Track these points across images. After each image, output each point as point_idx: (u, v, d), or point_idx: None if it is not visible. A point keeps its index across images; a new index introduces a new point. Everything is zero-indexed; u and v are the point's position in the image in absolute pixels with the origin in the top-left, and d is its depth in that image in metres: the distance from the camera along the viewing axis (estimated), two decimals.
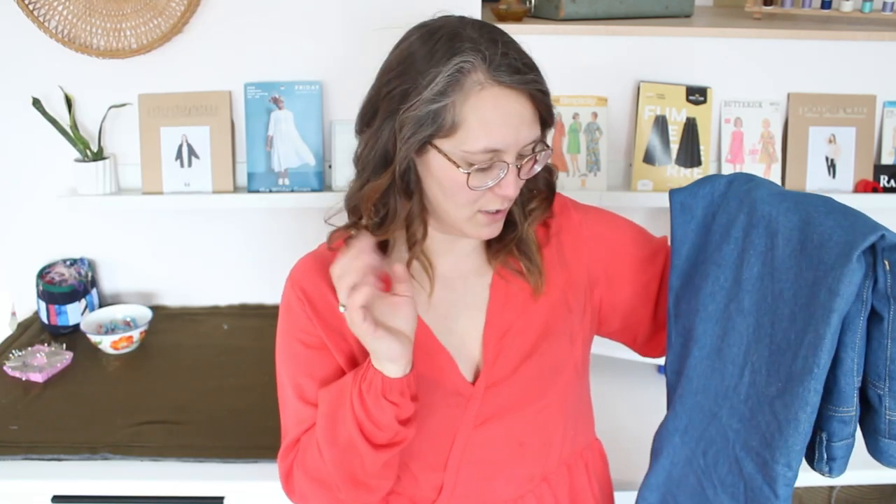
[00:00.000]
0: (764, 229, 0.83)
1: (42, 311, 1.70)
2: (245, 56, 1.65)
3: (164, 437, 1.32)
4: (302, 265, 1.03)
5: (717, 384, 0.89)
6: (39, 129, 1.62)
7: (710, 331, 0.89)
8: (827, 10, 1.77)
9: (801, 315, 0.77)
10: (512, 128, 0.85)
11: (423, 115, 0.85)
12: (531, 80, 0.86)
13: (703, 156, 1.70)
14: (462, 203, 0.89)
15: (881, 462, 0.78)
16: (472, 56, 0.84)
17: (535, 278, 0.99)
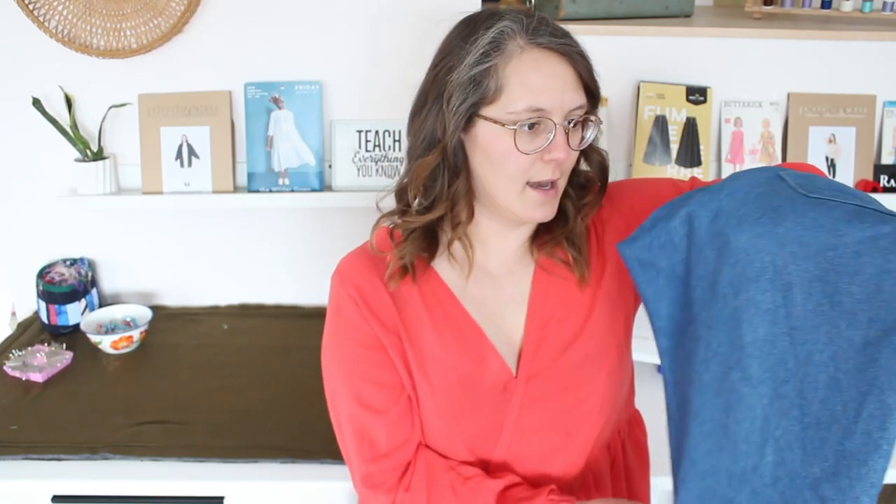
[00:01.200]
0: (768, 283, 0.69)
1: (42, 311, 1.70)
2: (245, 56, 1.65)
3: (164, 437, 1.32)
4: (350, 261, 1.00)
5: (730, 465, 0.73)
6: (39, 129, 1.62)
7: (708, 403, 0.74)
8: (827, 10, 1.77)
9: (851, 382, 0.65)
10: (555, 88, 0.87)
11: (466, 80, 0.88)
12: (570, 43, 0.88)
13: (704, 156, 1.70)
14: (512, 173, 0.89)
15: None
16: (511, 23, 0.88)
17: (580, 269, 0.98)
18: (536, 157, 0.88)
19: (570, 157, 0.90)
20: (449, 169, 0.92)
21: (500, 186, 0.90)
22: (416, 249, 0.96)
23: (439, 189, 0.93)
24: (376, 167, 1.69)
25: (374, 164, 1.69)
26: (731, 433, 0.72)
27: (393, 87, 1.67)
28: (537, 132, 0.88)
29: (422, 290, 0.97)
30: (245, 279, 1.82)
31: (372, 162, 1.69)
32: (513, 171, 0.89)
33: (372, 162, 1.69)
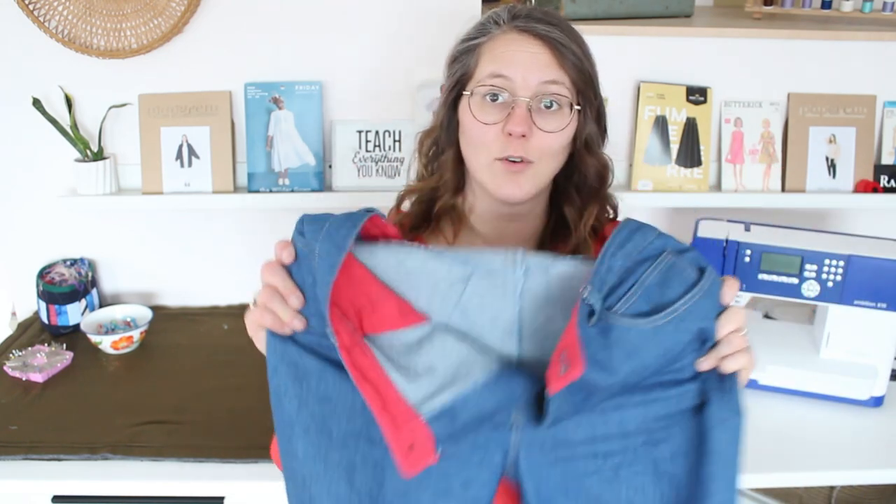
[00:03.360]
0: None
1: (42, 311, 1.70)
2: (245, 56, 1.65)
3: (164, 437, 1.32)
4: None
5: None
6: (39, 129, 1.62)
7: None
8: (827, 10, 1.77)
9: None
10: (522, 62, 0.89)
11: (453, 57, 0.95)
12: (552, 32, 0.90)
13: (704, 156, 1.70)
14: (478, 146, 0.92)
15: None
16: (502, 11, 0.93)
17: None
18: (500, 131, 0.90)
19: (538, 138, 0.90)
20: (442, 141, 0.99)
21: (474, 160, 0.95)
22: (422, 212, 1.02)
23: (438, 161, 1.00)
24: (376, 167, 1.69)
25: (375, 165, 1.69)
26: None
27: (393, 87, 1.67)
28: (500, 106, 0.90)
29: None
30: (245, 279, 1.80)
31: (372, 162, 1.69)
32: (478, 142, 0.92)
33: (372, 162, 1.69)
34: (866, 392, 1.43)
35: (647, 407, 0.75)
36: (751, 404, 1.52)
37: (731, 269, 1.47)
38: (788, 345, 1.54)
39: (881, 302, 1.40)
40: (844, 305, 1.42)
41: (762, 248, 1.44)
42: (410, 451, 0.71)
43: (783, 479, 1.31)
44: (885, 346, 1.43)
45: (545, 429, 0.73)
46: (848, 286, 1.41)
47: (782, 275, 1.44)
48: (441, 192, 1.00)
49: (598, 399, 0.74)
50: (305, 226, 0.77)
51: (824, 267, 1.41)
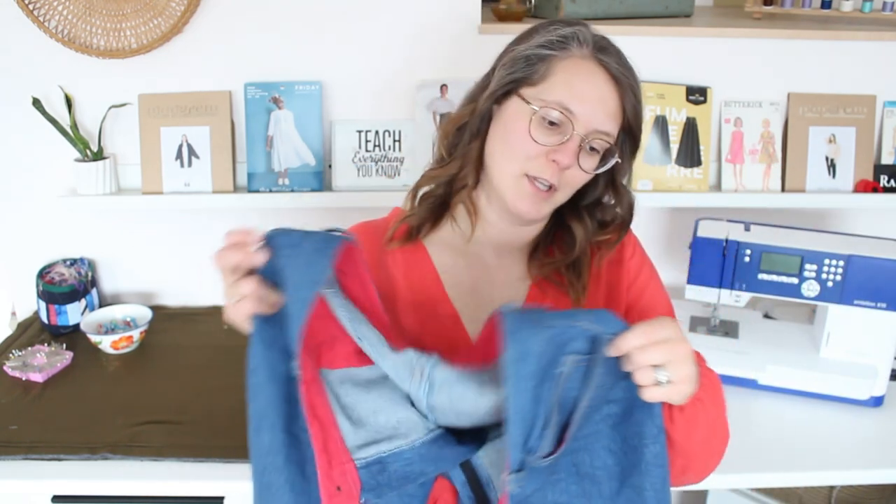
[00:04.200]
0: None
1: (42, 311, 1.70)
2: (245, 56, 1.65)
3: (164, 437, 1.32)
4: (353, 226, 1.05)
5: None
6: (39, 129, 1.62)
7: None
8: (827, 10, 1.77)
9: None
10: (592, 101, 0.91)
11: (522, 56, 0.93)
12: (629, 76, 0.92)
13: (703, 156, 1.70)
14: (517, 155, 0.92)
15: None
16: (588, 33, 0.93)
17: (576, 293, 0.99)
18: (543, 152, 0.91)
19: (574, 171, 0.93)
20: (472, 130, 0.97)
21: (502, 165, 0.94)
22: (425, 212, 1.02)
23: (460, 147, 0.99)
24: (376, 167, 1.69)
25: (374, 165, 1.69)
26: None
27: (393, 87, 1.67)
28: (556, 131, 0.91)
29: (409, 273, 1.00)
30: None
31: (372, 162, 1.69)
32: (518, 153, 0.92)
33: (372, 162, 1.69)
34: (866, 392, 1.43)
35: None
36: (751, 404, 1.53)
37: (730, 269, 1.47)
38: (788, 345, 1.54)
39: (881, 302, 1.40)
40: (844, 305, 1.42)
41: (762, 248, 1.44)
42: (337, 493, 0.77)
43: (783, 479, 1.31)
44: (885, 346, 1.43)
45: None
46: (848, 286, 1.41)
47: (782, 275, 1.44)
48: (459, 183, 1.00)
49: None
50: (280, 238, 0.79)
51: (824, 267, 1.41)
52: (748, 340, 1.55)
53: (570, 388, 0.75)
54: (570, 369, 0.75)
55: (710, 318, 1.59)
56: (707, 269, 1.49)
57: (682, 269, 1.55)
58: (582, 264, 1.01)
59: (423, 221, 1.02)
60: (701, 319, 1.62)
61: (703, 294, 1.51)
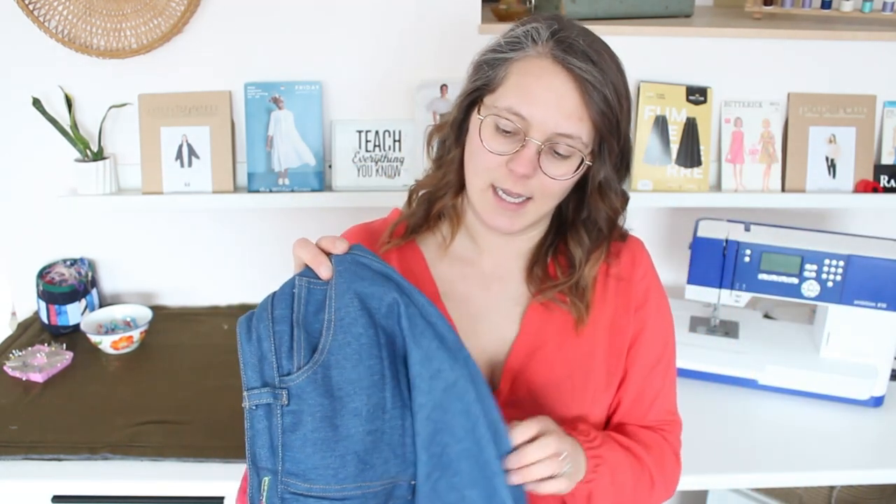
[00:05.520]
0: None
1: (42, 311, 1.70)
2: (245, 56, 1.65)
3: (164, 437, 1.32)
4: (348, 232, 1.05)
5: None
6: (39, 129, 1.62)
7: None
8: (827, 10, 1.77)
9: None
10: (546, 103, 0.84)
11: (482, 62, 0.89)
12: (590, 72, 0.83)
13: (704, 156, 1.70)
14: (478, 168, 0.89)
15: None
16: (544, 28, 0.86)
17: (579, 312, 0.95)
18: (501, 162, 0.86)
19: (540, 179, 0.87)
20: (450, 140, 0.95)
21: (470, 178, 0.91)
22: (422, 215, 0.99)
23: (444, 156, 0.96)
24: (376, 167, 1.69)
25: (374, 165, 1.69)
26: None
27: (393, 87, 1.67)
28: (511, 138, 0.86)
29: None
30: (245, 279, 1.82)
31: (372, 162, 1.69)
32: (479, 166, 0.89)
33: (372, 162, 1.69)
34: (866, 392, 1.43)
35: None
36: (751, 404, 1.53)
37: (731, 269, 1.47)
38: (788, 345, 1.54)
39: (881, 302, 1.40)
40: (844, 305, 1.42)
41: (762, 248, 1.44)
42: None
43: (783, 479, 1.31)
44: (885, 346, 1.43)
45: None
46: (848, 286, 1.41)
47: (782, 275, 1.44)
48: (442, 191, 0.97)
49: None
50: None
51: (824, 267, 1.41)
52: (748, 340, 1.55)
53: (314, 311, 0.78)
54: (304, 291, 0.78)
55: (710, 318, 1.59)
56: (707, 269, 1.49)
57: (682, 269, 1.55)
58: (585, 282, 0.96)
59: (420, 222, 1.00)
60: (701, 319, 1.62)
61: (703, 294, 1.51)
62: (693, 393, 1.49)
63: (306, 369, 0.77)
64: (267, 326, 0.79)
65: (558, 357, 0.96)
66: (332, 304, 0.77)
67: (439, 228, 1.01)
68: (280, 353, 0.78)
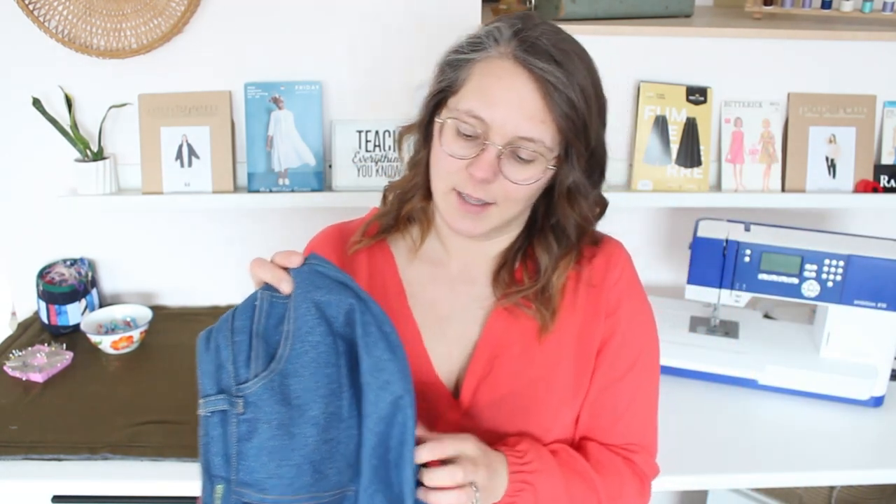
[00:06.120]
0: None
1: (42, 311, 1.70)
2: (245, 56, 1.65)
3: (164, 437, 1.32)
4: (323, 232, 1.04)
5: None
6: (39, 129, 1.62)
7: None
8: (827, 10, 1.77)
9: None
10: (507, 105, 0.82)
11: (445, 63, 0.88)
12: (553, 73, 0.81)
13: (704, 156, 1.70)
14: (440, 172, 0.87)
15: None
16: (506, 27, 0.84)
17: (543, 319, 0.92)
18: (462, 166, 0.84)
19: (502, 184, 0.84)
20: (417, 143, 0.94)
21: (434, 181, 0.90)
22: (395, 216, 0.97)
23: (414, 158, 0.95)
24: (376, 167, 1.69)
25: (374, 165, 1.69)
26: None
27: (393, 87, 1.67)
28: (471, 142, 0.84)
29: (373, 282, 0.98)
30: (245, 279, 1.80)
31: (372, 162, 1.69)
32: (441, 169, 0.87)
33: (372, 162, 1.69)
34: (866, 392, 1.43)
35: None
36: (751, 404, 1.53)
37: (731, 269, 1.47)
38: (788, 345, 1.54)
39: (881, 302, 1.40)
40: (844, 305, 1.42)
41: (762, 248, 1.45)
42: None
43: (783, 479, 1.31)
44: (885, 346, 1.43)
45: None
46: (848, 286, 1.41)
47: (782, 275, 1.44)
48: (411, 193, 0.95)
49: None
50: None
51: (824, 267, 1.42)
52: (748, 340, 1.55)
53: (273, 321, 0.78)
54: (265, 304, 0.79)
55: (710, 318, 1.59)
56: (707, 269, 1.49)
57: (682, 269, 1.55)
58: (551, 289, 0.92)
59: (391, 223, 0.98)
60: (701, 319, 1.62)
61: (703, 294, 1.51)
62: (693, 393, 1.49)
63: (263, 376, 0.76)
64: (226, 336, 0.79)
65: (521, 365, 0.93)
66: (291, 315, 0.77)
67: (409, 230, 0.99)
68: (238, 362, 0.78)
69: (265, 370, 0.76)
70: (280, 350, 0.77)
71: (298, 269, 0.79)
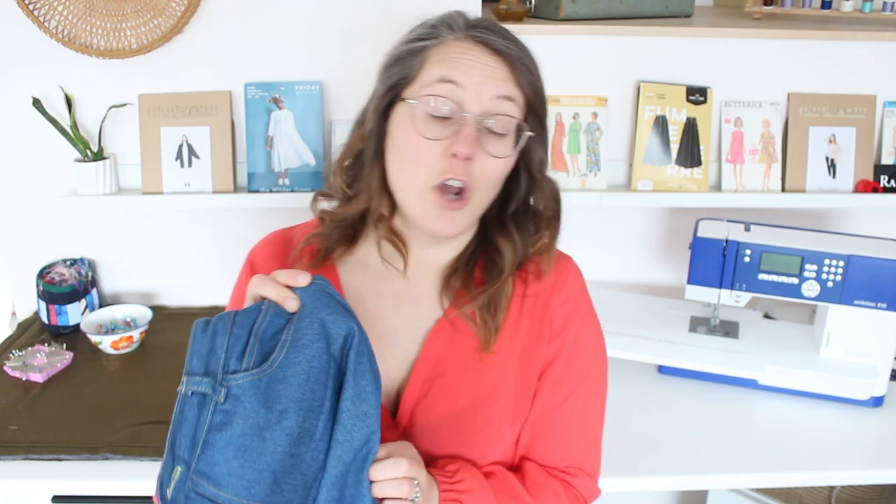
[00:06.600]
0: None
1: (42, 311, 1.70)
2: (245, 56, 1.65)
3: (164, 437, 1.32)
4: (265, 240, 1.02)
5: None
6: (39, 129, 1.62)
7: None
8: (827, 10, 1.77)
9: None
10: (476, 72, 0.82)
11: (393, 59, 0.86)
12: (512, 48, 0.83)
13: (704, 156, 1.70)
14: (417, 166, 0.83)
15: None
16: (457, 16, 0.85)
17: (487, 334, 0.89)
18: (442, 151, 0.82)
19: (485, 163, 0.82)
20: (368, 156, 0.89)
21: (404, 185, 0.85)
22: (337, 237, 0.94)
23: (361, 178, 0.90)
24: None
25: None
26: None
27: None
28: (447, 123, 0.82)
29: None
30: None
31: None
32: (416, 162, 0.83)
33: None
34: (866, 392, 1.43)
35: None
36: (751, 404, 1.53)
37: (731, 269, 1.47)
38: (788, 345, 1.54)
39: (881, 302, 1.40)
40: (844, 305, 1.42)
41: (762, 248, 1.45)
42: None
43: (783, 479, 1.31)
44: (885, 346, 1.43)
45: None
46: (848, 286, 1.41)
47: (782, 275, 1.44)
48: (373, 216, 0.90)
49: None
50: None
51: (824, 267, 1.42)
52: (748, 340, 1.55)
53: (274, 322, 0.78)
54: (270, 312, 0.78)
55: (710, 318, 1.59)
56: (707, 269, 1.49)
57: (682, 269, 1.55)
58: (499, 300, 0.89)
59: (333, 245, 0.94)
60: (701, 319, 1.62)
61: (703, 294, 1.51)
62: (693, 393, 1.49)
63: (254, 373, 0.75)
64: (225, 326, 0.78)
65: (460, 386, 0.90)
66: (293, 326, 0.77)
67: (356, 248, 0.95)
68: (231, 352, 0.77)
69: (256, 368, 0.76)
70: (274, 355, 0.76)
71: (305, 289, 0.79)
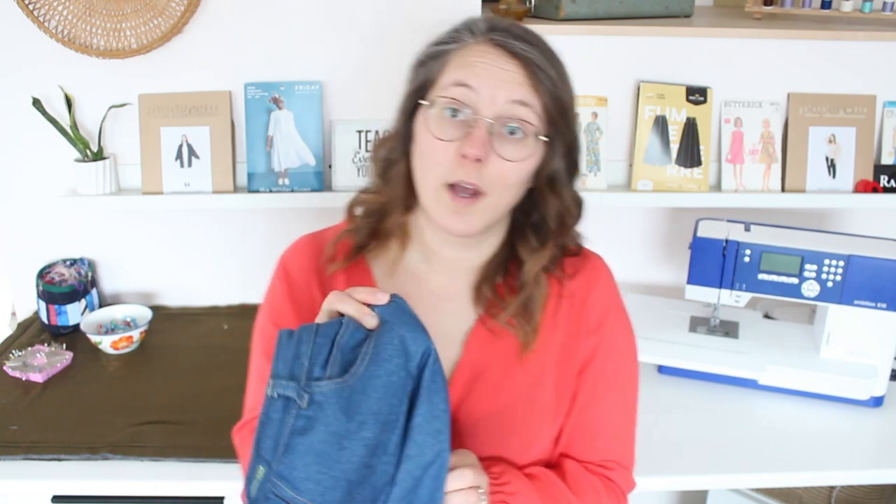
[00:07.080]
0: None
1: (42, 311, 1.70)
2: (245, 56, 1.65)
3: (164, 437, 1.32)
4: (295, 245, 1.01)
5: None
6: (39, 129, 1.62)
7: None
8: (827, 10, 1.77)
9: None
10: (491, 76, 0.82)
11: (417, 63, 0.88)
12: (530, 52, 0.83)
13: (703, 156, 1.70)
14: (430, 164, 0.85)
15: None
16: (481, 21, 0.86)
17: (525, 335, 0.91)
18: (452, 150, 0.83)
19: (495, 165, 0.83)
20: (396, 153, 0.91)
21: (422, 183, 0.87)
22: (367, 233, 0.94)
23: (388, 172, 0.92)
24: None
25: None
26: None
27: (393, 87, 1.66)
28: (460, 124, 0.83)
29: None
30: (245, 279, 1.82)
31: None
32: (430, 161, 0.85)
33: None
34: (866, 392, 1.43)
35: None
36: (751, 404, 1.53)
37: (730, 269, 1.47)
38: (788, 345, 1.54)
39: (881, 302, 1.40)
40: (844, 305, 1.42)
41: (762, 248, 1.45)
42: None
43: (783, 479, 1.31)
44: (885, 346, 1.43)
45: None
46: (848, 286, 1.41)
47: (782, 275, 1.44)
48: (390, 208, 0.92)
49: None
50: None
51: (824, 267, 1.42)
52: (748, 340, 1.55)
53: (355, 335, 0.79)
54: (351, 326, 0.79)
55: (710, 318, 1.59)
56: (707, 269, 1.49)
57: (682, 269, 1.55)
58: (534, 302, 0.91)
59: (366, 239, 0.95)
60: (701, 319, 1.62)
61: (703, 294, 1.51)
62: (693, 393, 1.49)
63: (337, 382, 0.77)
64: (310, 335, 0.79)
65: (502, 385, 0.92)
66: (373, 340, 0.78)
67: (388, 245, 0.96)
68: (315, 360, 0.78)
69: (338, 377, 0.77)
70: (355, 367, 0.77)
71: (384, 306, 0.80)
